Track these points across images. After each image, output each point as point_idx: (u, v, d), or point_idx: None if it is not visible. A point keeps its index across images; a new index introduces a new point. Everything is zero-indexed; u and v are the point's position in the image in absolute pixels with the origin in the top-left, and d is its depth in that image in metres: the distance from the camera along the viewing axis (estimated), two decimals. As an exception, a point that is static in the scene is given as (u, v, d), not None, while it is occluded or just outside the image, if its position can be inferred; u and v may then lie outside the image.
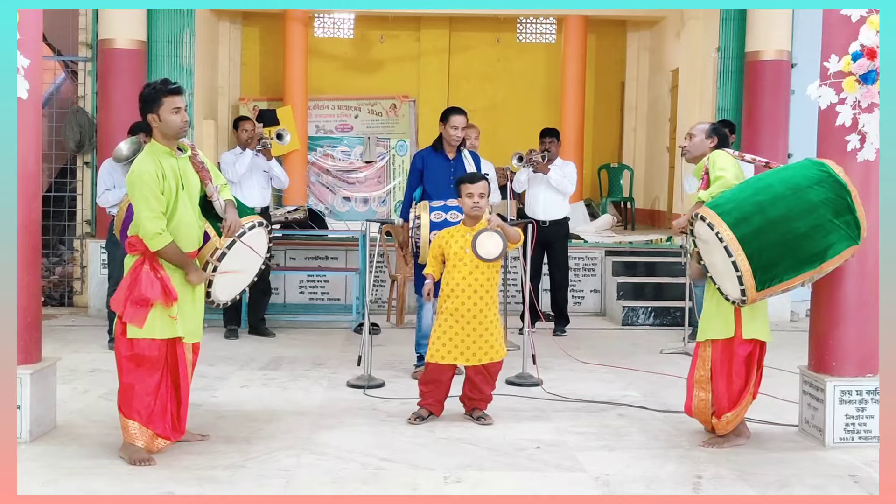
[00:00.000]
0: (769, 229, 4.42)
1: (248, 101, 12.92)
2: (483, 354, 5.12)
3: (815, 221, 4.41)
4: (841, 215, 4.43)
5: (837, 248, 4.44)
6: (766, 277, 4.44)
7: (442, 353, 5.11)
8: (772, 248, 4.42)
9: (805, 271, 4.47)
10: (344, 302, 9.16)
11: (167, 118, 4.39)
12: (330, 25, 13.36)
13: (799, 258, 4.45)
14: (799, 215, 4.41)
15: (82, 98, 9.17)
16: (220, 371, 6.43)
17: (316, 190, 12.84)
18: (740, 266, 4.40)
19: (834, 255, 4.45)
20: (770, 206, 4.45)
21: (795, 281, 4.48)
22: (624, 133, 13.94)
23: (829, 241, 4.43)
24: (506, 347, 5.28)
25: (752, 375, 4.78)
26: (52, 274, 9.52)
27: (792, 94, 9.07)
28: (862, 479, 4.33)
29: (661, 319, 8.63)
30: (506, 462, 4.53)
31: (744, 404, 4.78)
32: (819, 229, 4.41)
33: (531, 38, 13.68)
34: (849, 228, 4.44)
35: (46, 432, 4.83)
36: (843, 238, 4.45)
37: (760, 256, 4.41)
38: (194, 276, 4.45)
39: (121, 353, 4.41)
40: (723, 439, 4.83)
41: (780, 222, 4.42)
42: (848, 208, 4.44)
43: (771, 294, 4.54)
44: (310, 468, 4.39)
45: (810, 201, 4.42)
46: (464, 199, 5.16)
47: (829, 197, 4.44)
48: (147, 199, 4.30)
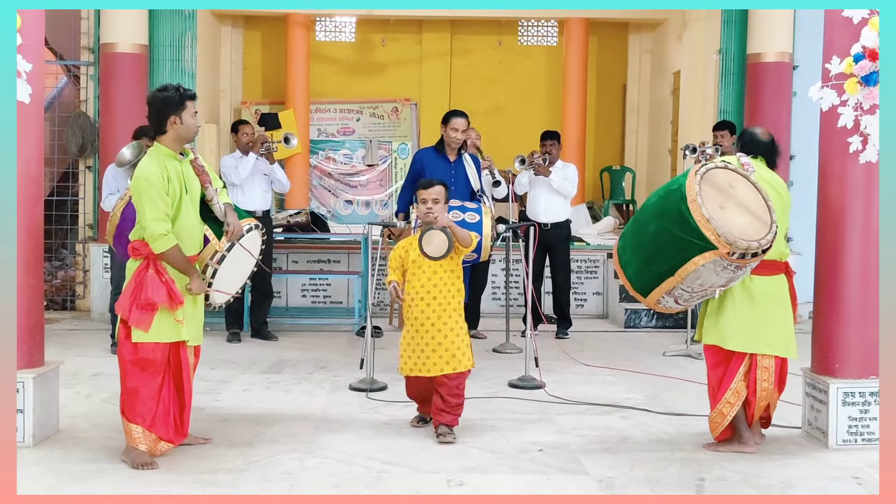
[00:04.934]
0: (631, 239, 4.70)
1: (250, 105, 12.93)
2: (445, 364, 4.87)
3: (653, 231, 4.52)
4: (678, 224, 4.35)
5: (685, 256, 4.34)
6: (642, 285, 4.62)
7: (409, 366, 4.96)
8: (634, 256, 4.65)
9: (665, 279, 4.46)
10: (346, 305, 9.16)
11: (188, 121, 4.45)
12: (332, 29, 13.38)
13: (654, 265, 4.50)
14: (643, 226, 4.62)
15: (84, 102, 9.18)
16: (223, 375, 6.44)
17: (318, 193, 12.85)
18: (618, 273, 4.77)
19: (684, 262, 4.35)
20: (636, 219, 4.75)
21: (666, 286, 4.47)
22: (626, 135, 13.93)
23: (669, 250, 4.40)
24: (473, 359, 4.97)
25: (724, 385, 4.69)
26: (54, 278, 9.53)
27: (794, 96, 9.07)
28: (865, 482, 4.33)
29: (664, 322, 8.62)
30: (509, 465, 4.53)
31: (718, 410, 4.72)
32: (656, 239, 4.49)
33: (532, 40, 13.68)
34: (690, 236, 4.30)
35: (49, 436, 4.83)
36: (687, 246, 4.32)
37: (630, 265, 4.66)
38: (195, 286, 4.46)
39: (124, 357, 4.41)
40: (722, 446, 4.79)
41: (635, 233, 4.68)
42: (682, 217, 4.32)
43: (661, 299, 4.58)
44: (313, 472, 4.39)
45: (653, 212, 4.57)
46: (418, 205, 4.98)
47: (666, 207, 4.45)
48: (154, 200, 4.31)
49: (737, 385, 4.69)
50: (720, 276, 4.40)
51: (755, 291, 4.69)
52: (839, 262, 4.84)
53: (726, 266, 4.35)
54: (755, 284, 4.68)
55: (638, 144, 13.66)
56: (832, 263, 4.88)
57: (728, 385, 4.69)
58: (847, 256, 4.82)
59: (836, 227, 4.84)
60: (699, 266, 4.32)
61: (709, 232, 4.25)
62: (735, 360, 4.70)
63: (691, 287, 4.46)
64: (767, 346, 4.71)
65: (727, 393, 4.69)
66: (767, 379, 4.73)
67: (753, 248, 4.31)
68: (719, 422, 4.75)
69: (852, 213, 4.79)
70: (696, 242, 4.29)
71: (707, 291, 4.54)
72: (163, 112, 4.44)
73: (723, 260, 4.30)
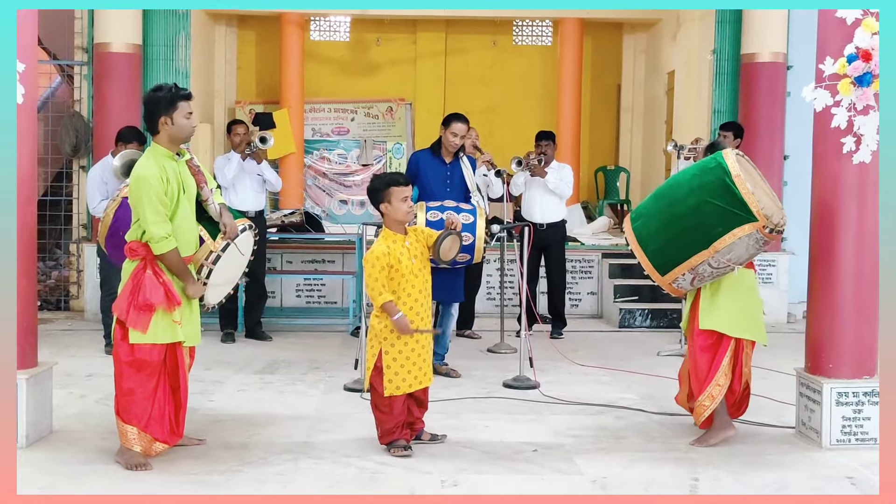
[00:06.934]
0: (656, 217, 4.85)
1: (245, 105, 12.91)
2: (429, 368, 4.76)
3: (692, 203, 4.69)
4: (720, 196, 4.61)
5: (725, 227, 4.61)
6: (662, 262, 4.82)
7: (409, 382, 4.62)
8: (658, 233, 4.82)
9: (696, 252, 4.69)
10: (340, 305, 9.15)
11: (180, 122, 4.43)
12: (326, 28, 13.36)
13: (684, 240, 4.72)
14: (679, 200, 4.76)
15: (78, 102, 9.16)
16: (217, 375, 6.43)
17: (312, 193, 12.83)
18: (636, 254, 4.86)
19: (723, 233, 4.61)
20: (660, 197, 4.90)
21: (693, 262, 4.71)
22: (620, 135, 13.93)
23: (709, 222, 4.64)
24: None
25: (714, 368, 4.84)
26: (48, 278, 9.51)
27: (788, 97, 9.08)
28: (859, 482, 4.34)
29: (658, 321, 8.63)
30: (503, 465, 4.53)
31: (707, 394, 4.83)
32: (697, 211, 4.68)
33: (527, 40, 13.68)
34: (733, 207, 4.59)
35: (43, 437, 4.83)
36: (729, 217, 4.60)
37: (650, 243, 4.84)
38: (192, 290, 4.46)
39: (120, 359, 4.40)
40: (708, 435, 4.89)
41: (664, 209, 4.83)
42: (727, 189, 4.59)
43: (680, 276, 4.79)
44: (307, 472, 4.39)
45: (690, 186, 4.74)
46: (400, 206, 4.63)
47: (707, 180, 4.67)
48: (153, 202, 4.30)
49: (724, 370, 4.85)
50: (748, 251, 4.69)
51: (742, 281, 4.92)
52: (833, 262, 4.86)
53: (758, 240, 4.63)
54: (741, 275, 4.91)
55: (632, 144, 13.67)
56: (826, 263, 4.89)
57: (717, 370, 4.85)
58: (841, 256, 4.84)
59: (829, 227, 4.85)
60: (737, 238, 4.60)
61: (753, 204, 4.54)
62: (723, 346, 4.87)
63: (719, 262, 4.69)
64: (752, 334, 4.93)
65: (717, 376, 4.84)
66: (747, 364, 4.96)
67: (782, 224, 4.66)
68: (708, 405, 4.85)
69: (846, 214, 4.81)
70: (740, 214, 4.57)
71: (726, 269, 4.78)
72: (155, 113, 4.44)
73: (758, 233, 4.59)
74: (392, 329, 4.58)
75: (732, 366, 4.90)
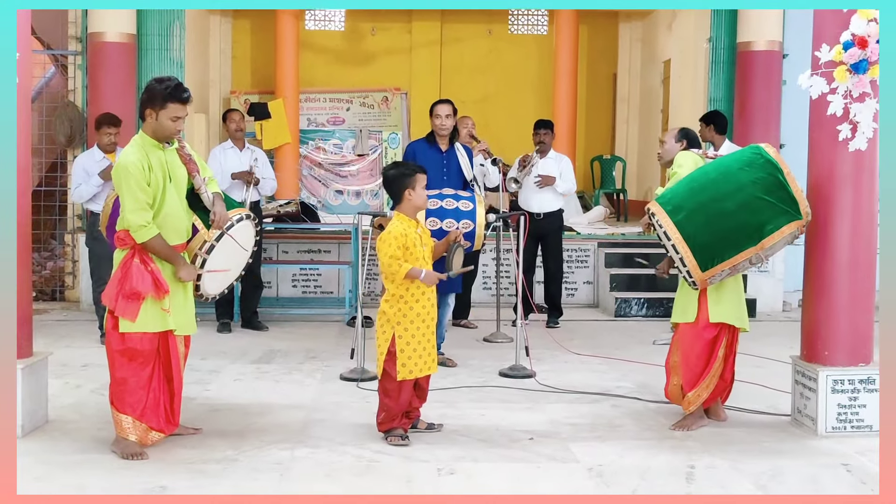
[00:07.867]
0: (701, 211, 4.70)
1: (240, 95, 12.88)
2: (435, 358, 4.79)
3: (743, 200, 4.63)
4: (772, 192, 4.60)
5: (775, 224, 4.61)
6: (706, 258, 4.70)
7: (420, 366, 4.66)
8: (705, 228, 4.69)
9: (745, 248, 4.66)
10: (337, 295, 9.15)
11: (164, 122, 4.40)
12: (321, 18, 13.33)
13: (734, 236, 4.66)
14: (727, 195, 4.66)
15: (72, 92, 9.13)
16: (213, 365, 6.42)
17: (308, 183, 12.81)
18: (679, 249, 4.70)
19: (773, 230, 4.62)
20: (701, 191, 4.74)
21: (739, 259, 4.67)
22: (616, 124, 13.93)
23: (761, 218, 4.62)
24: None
25: (713, 359, 4.91)
26: (43, 269, 9.48)
27: (784, 84, 9.08)
28: (854, 468, 4.35)
29: (654, 310, 8.64)
30: (499, 454, 4.53)
31: (704, 385, 4.90)
32: (748, 207, 4.63)
33: (523, 29, 13.66)
34: (784, 204, 4.60)
35: (38, 427, 4.82)
36: (779, 214, 4.61)
37: (696, 238, 4.69)
38: (184, 273, 4.44)
39: (112, 348, 4.40)
40: (690, 420, 4.95)
41: (709, 204, 4.69)
42: (779, 185, 4.60)
43: (718, 273, 4.72)
44: (303, 461, 4.39)
45: (738, 181, 4.66)
46: (422, 192, 4.72)
47: (759, 176, 4.63)
48: (133, 190, 4.29)
49: (720, 360, 4.94)
50: (783, 247, 4.73)
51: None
52: (828, 251, 4.86)
53: (795, 236, 4.70)
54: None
55: (628, 133, 13.66)
56: (821, 251, 4.89)
57: (715, 360, 4.92)
58: (836, 244, 4.84)
59: (825, 215, 4.85)
60: (784, 235, 4.63)
61: (802, 202, 4.60)
62: (720, 337, 4.93)
63: (759, 258, 4.71)
64: (744, 323, 5.03)
65: (714, 366, 4.92)
66: (736, 353, 5.07)
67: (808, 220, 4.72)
68: (703, 395, 4.91)
69: (842, 201, 4.80)
70: (790, 211, 4.61)
71: (757, 265, 4.81)
72: (146, 102, 4.43)
73: (798, 230, 4.67)
74: (405, 314, 4.62)
75: (726, 355, 4.97)
